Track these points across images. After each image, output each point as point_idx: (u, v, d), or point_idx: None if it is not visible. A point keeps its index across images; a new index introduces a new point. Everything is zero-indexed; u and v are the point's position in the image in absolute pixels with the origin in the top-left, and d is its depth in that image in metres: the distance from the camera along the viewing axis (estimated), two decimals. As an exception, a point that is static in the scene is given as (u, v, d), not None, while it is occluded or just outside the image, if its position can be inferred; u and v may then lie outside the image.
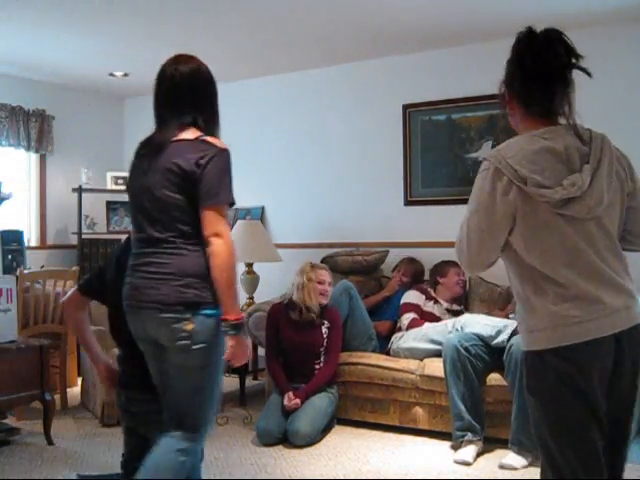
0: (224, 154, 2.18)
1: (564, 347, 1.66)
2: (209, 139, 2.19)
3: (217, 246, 2.08)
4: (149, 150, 2.23)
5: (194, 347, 2.12)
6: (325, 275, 4.18)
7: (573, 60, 1.78)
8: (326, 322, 4.12)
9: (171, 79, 2.24)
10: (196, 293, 2.13)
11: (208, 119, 2.25)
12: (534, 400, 1.75)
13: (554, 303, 1.68)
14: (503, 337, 3.70)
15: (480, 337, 3.79)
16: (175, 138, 2.18)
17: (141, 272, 2.20)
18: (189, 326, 2.11)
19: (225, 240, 2.09)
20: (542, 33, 1.77)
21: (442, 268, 4.55)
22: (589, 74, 1.78)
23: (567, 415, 1.69)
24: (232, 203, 2.19)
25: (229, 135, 6.69)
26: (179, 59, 2.30)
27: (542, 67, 1.74)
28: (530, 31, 1.77)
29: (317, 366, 4.07)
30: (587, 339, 1.65)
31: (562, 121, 1.77)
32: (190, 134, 2.19)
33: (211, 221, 2.10)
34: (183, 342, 2.12)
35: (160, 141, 2.20)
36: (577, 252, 1.68)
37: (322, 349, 4.07)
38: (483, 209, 1.72)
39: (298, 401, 3.88)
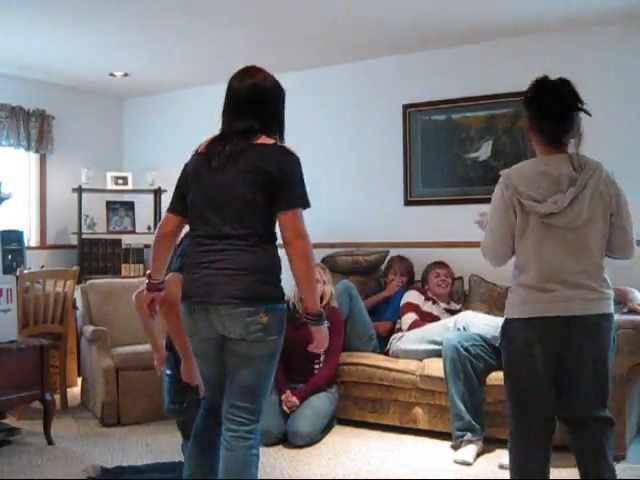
0: (299, 161, 2.32)
1: (523, 319, 2.29)
2: (286, 146, 2.34)
3: (300, 248, 2.25)
4: (221, 150, 2.32)
5: (268, 338, 2.28)
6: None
7: (578, 104, 2.28)
8: (326, 322, 4.11)
9: (237, 92, 2.36)
10: (270, 288, 2.29)
11: (274, 128, 2.37)
12: (503, 351, 2.40)
13: (524, 286, 2.30)
14: None
15: (484, 338, 3.79)
16: (253, 142, 2.29)
17: (213, 268, 2.27)
18: (264, 319, 2.25)
19: (307, 242, 2.26)
20: (554, 80, 2.30)
21: (424, 274, 4.64)
22: (589, 114, 2.28)
23: (514, 361, 2.36)
24: (309, 206, 2.33)
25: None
26: (246, 72, 2.40)
27: (552, 107, 2.28)
28: (542, 81, 2.32)
29: (317, 366, 4.06)
30: (540, 315, 2.25)
31: (569, 149, 2.31)
32: (265, 140, 2.31)
33: (293, 224, 2.25)
34: (258, 334, 2.25)
35: (236, 143, 2.29)
36: (549, 253, 2.25)
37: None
38: (498, 212, 2.33)
39: (295, 400, 3.88)
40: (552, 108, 2.27)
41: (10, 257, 5.15)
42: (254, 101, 2.33)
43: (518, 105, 4.71)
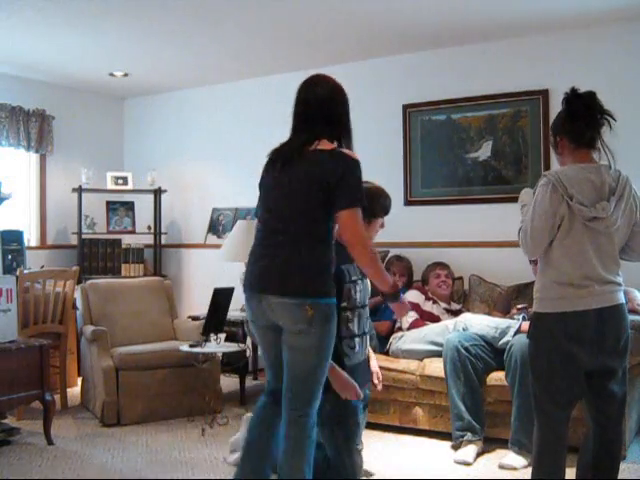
0: (358, 164, 2.46)
1: (559, 313, 2.44)
2: (344, 151, 2.49)
3: (357, 248, 2.42)
4: (284, 155, 2.52)
5: (312, 330, 2.40)
6: None
7: (606, 112, 2.55)
8: None
9: (305, 101, 2.56)
10: (316, 283, 2.43)
11: (339, 134, 2.56)
12: (531, 343, 2.55)
13: (559, 283, 2.46)
14: (508, 338, 3.70)
15: (484, 338, 3.78)
16: (313, 148, 2.46)
17: (267, 262, 2.49)
18: (309, 312, 2.39)
19: (361, 239, 2.42)
20: (585, 92, 2.55)
21: (425, 275, 4.63)
22: (615, 119, 2.55)
23: (552, 353, 2.47)
24: (365, 207, 2.48)
25: (229, 135, 6.72)
26: (315, 80, 2.59)
27: (587, 111, 2.52)
28: (574, 90, 2.56)
29: None
30: (574, 310, 2.42)
31: (596, 155, 2.53)
32: (325, 145, 2.48)
33: (348, 223, 2.40)
34: (302, 326, 2.40)
35: (297, 148, 2.49)
36: (586, 253, 2.45)
37: None
38: (544, 213, 2.45)
39: None
40: (588, 110, 2.53)
41: (10, 257, 5.16)
42: (319, 111, 2.52)
43: (518, 105, 4.72)
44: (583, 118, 2.52)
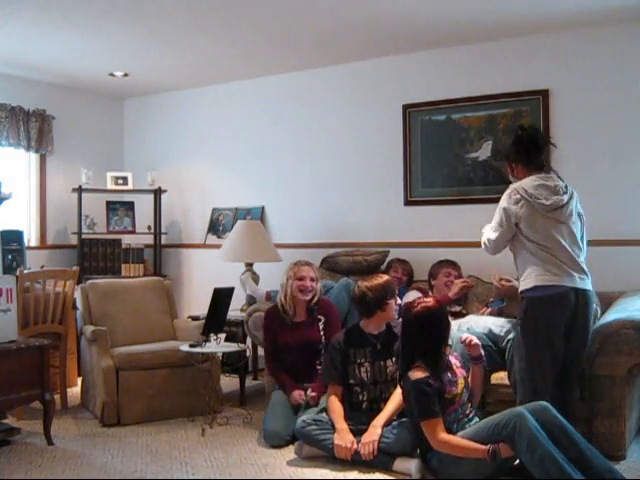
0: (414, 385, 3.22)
1: (539, 286, 3.16)
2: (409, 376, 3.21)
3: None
4: None
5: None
6: (306, 271, 4.06)
7: (547, 141, 3.60)
8: (322, 318, 4.05)
9: None
10: None
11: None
12: (520, 320, 3.29)
13: (536, 264, 3.19)
14: (513, 335, 3.69)
15: (489, 337, 3.75)
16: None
17: None
18: None
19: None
20: (530, 128, 3.54)
21: (433, 270, 4.59)
22: (555, 146, 3.81)
23: (531, 324, 3.23)
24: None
25: (229, 135, 6.67)
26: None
27: (532, 144, 3.38)
28: (522, 127, 3.49)
29: (319, 367, 3.98)
30: (550, 284, 3.14)
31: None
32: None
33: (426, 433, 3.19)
34: None
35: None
36: (554, 239, 3.19)
37: (321, 346, 3.99)
38: (505, 217, 3.30)
39: (316, 395, 3.75)
40: (535, 142, 3.37)
41: (10, 257, 5.16)
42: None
43: (518, 105, 4.72)
44: (533, 149, 3.34)
